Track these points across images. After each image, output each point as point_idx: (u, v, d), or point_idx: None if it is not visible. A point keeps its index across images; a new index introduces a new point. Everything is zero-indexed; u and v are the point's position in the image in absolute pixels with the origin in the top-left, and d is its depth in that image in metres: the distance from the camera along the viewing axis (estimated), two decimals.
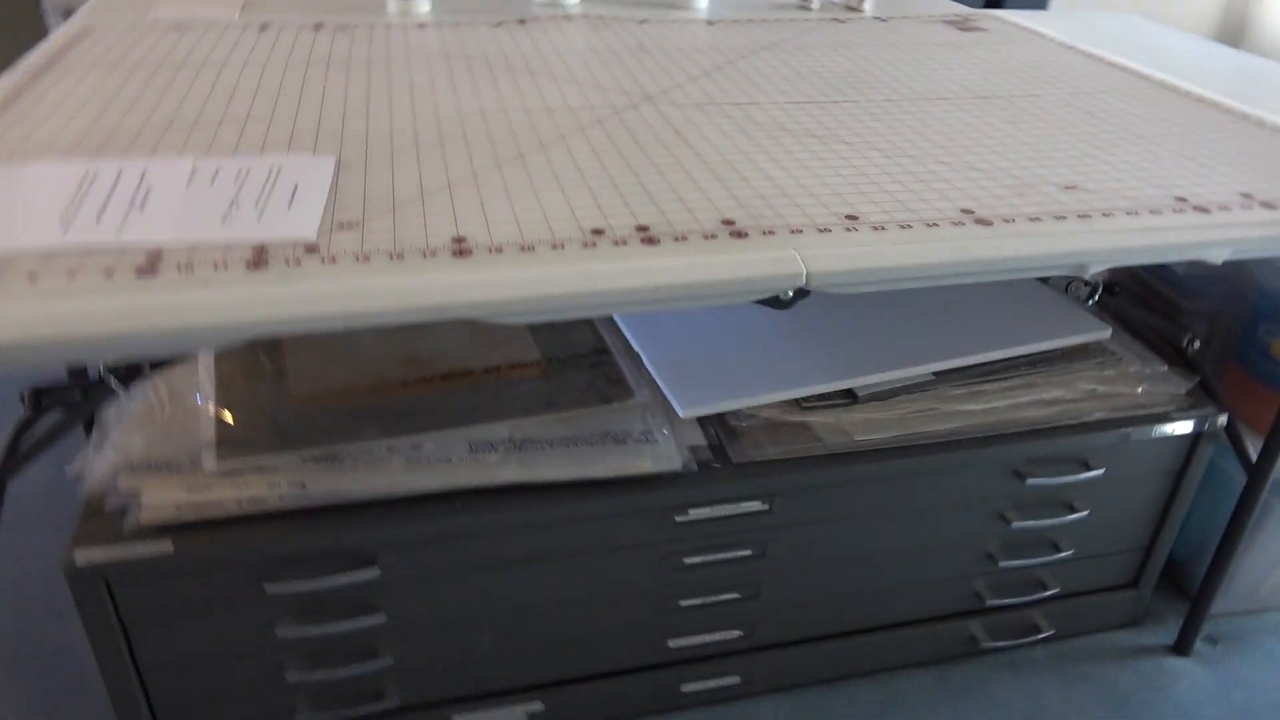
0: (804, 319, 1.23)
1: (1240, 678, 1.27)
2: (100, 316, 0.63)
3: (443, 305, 0.67)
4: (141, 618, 0.95)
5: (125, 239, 0.73)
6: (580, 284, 0.70)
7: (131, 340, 0.62)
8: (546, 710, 1.14)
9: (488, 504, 0.99)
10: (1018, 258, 0.78)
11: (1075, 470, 1.16)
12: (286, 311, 0.65)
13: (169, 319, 0.63)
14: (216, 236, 0.73)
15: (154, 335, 0.63)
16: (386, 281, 0.68)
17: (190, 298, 0.65)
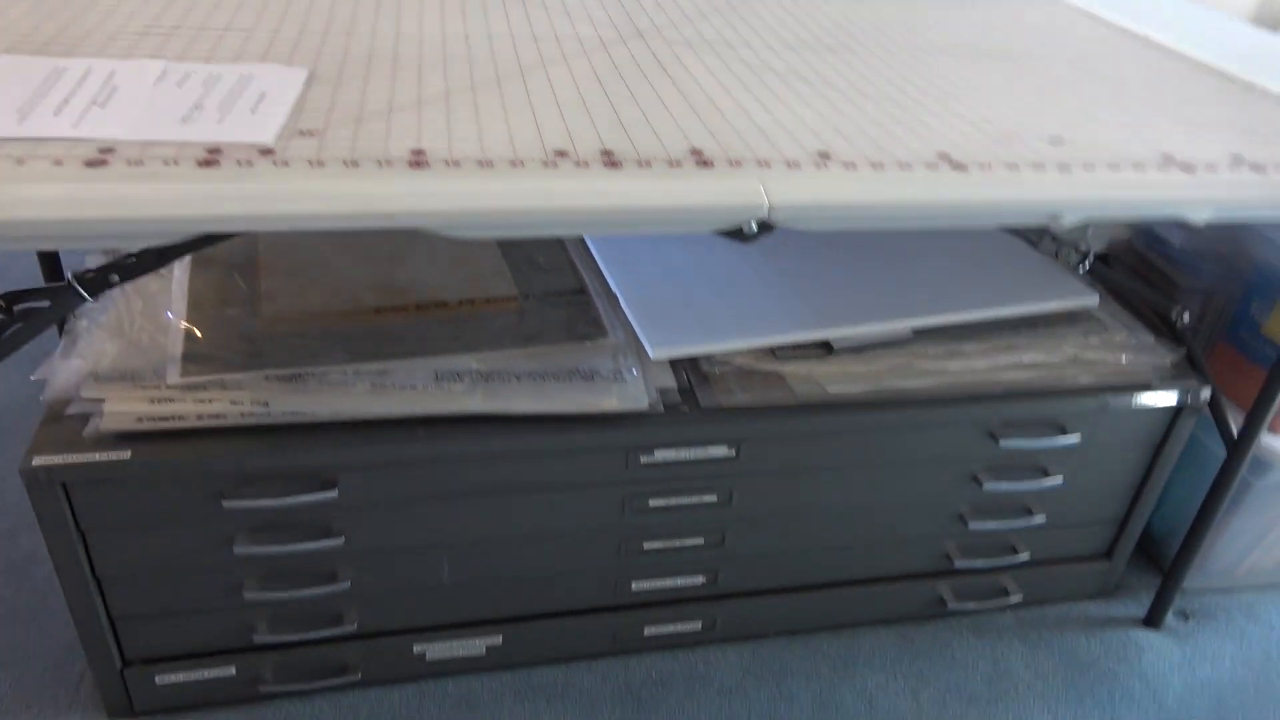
0: (786, 268, 1.21)
1: (1209, 653, 1.26)
2: (43, 203, 0.62)
3: (392, 213, 0.66)
4: (99, 526, 0.95)
5: (81, 133, 0.72)
6: (534, 200, 0.68)
7: (72, 228, 0.62)
8: (506, 644, 1.15)
9: (451, 432, 0.99)
10: (989, 202, 0.76)
11: (1051, 434, 1.14)
12: (231, 209, 0.64)
13: (112, 210, 0.62)
14: (173, 136, 0.72)
15: (96, 225, 0.62)
16: (336, 186, 0.67)
17: (135, 190, 0.64)
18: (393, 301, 1.12)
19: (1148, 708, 1.18)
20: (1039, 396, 1.12)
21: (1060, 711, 1.17)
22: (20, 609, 1.19)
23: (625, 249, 1.25)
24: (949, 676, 1.20)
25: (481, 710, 1.12)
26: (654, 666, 1.18)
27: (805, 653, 1.22)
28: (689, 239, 1.27)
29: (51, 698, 1.09)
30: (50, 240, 0.62)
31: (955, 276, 1.21)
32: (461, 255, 1.22)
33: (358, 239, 1.23)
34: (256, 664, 1.08)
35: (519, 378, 1.03)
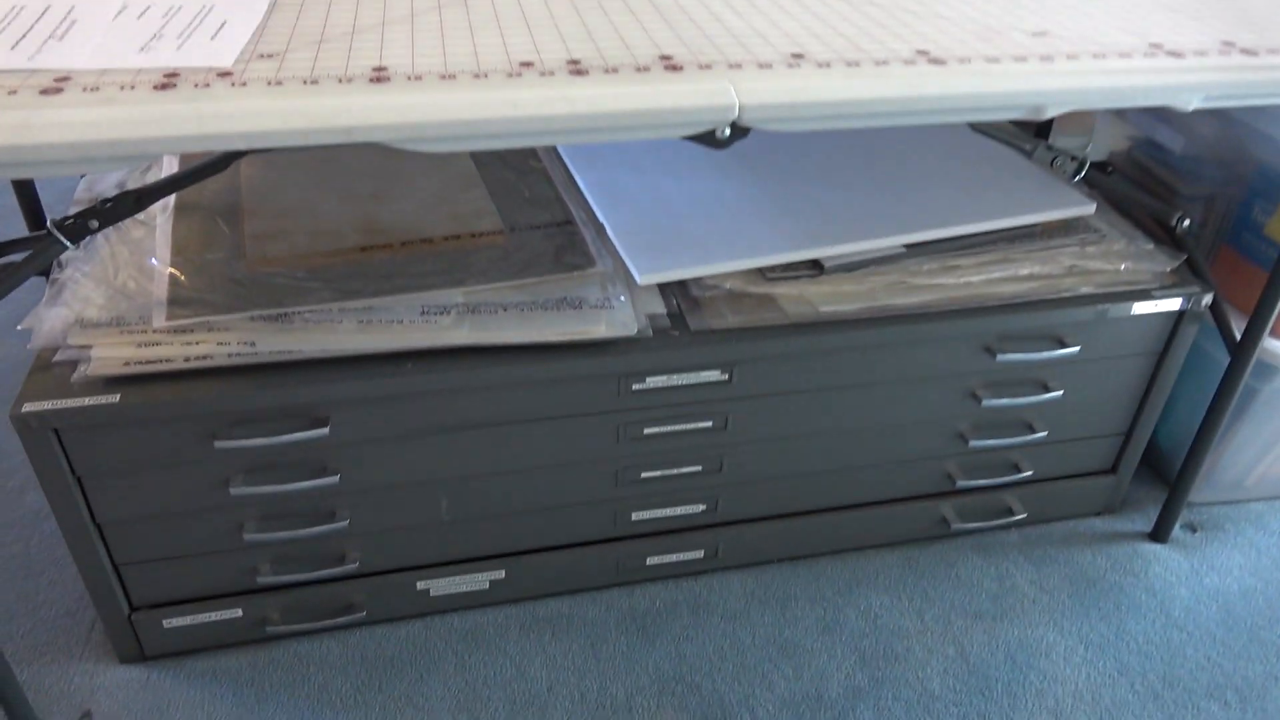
0: (775, 190, 1.19)
1: (1216, 563, 1.25)
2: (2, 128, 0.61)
3: (350, 128, 0.65)
4: (95, 471, 0.95)
5: (37, 64, 0.71)
6: (497, 110, 0.67)
7: (27, 154, 0.61)
8: (509, 578, 1.15)
9: (439, 365, 0.98)
10: (968, 94, 0.74)
11: (1050, 347, 1.13)
12: (187, 130, 0.63)
13: (66, 134, 0.62)
14: (130, 63, 0.71)
15: (50, 150, 0.61)
16: (294, 103, 0.66)
17: (90, 115, 0.63)
18: (378, 240, 1.11)
19: (1155, 619, 1.18)
20: (1036, 308, 1.10)
21: (1066, 625, 1.16)
22: (31, 562, 1.21)
23: (612, 179, 1.23)
24: (954, 595, 1.20)
25: (487, 643, 1.13)
26: (658, 596, 1.19)
27: (809, 577, 1.22)
28: (676, 165, 1.25)
29: (64, 645, 1.11)
30: (5, 167, 0.62)
31: (948, 190, 1.19)
32: (447, 193, 1.21)
33: (340, 179, 1.22)
34: (262, 605, 1.09)
35: (506, 309, 1.03)
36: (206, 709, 1.05)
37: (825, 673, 1.10)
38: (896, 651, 1.13)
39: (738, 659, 1.11)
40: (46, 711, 1.04)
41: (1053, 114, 0.77)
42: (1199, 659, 1.13)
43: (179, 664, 1.09)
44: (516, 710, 1.06)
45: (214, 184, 1.21)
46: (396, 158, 1.28)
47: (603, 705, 1.06)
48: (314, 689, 1.07)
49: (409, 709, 1.05)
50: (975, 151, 1.30)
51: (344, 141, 0.65)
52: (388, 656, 1.11)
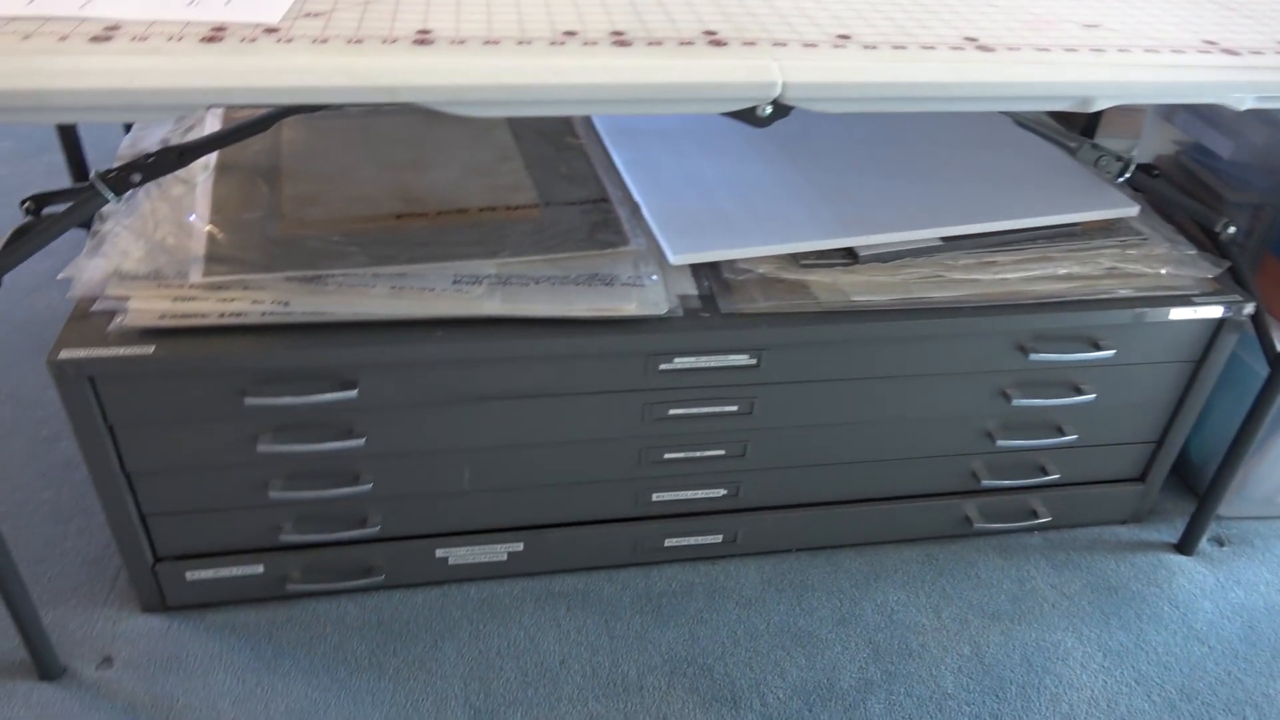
0: (814, 177, 1.18)
1: (1242, 578, 1.23)
2: (46, 74, 0.62)
3: (393, 88, 0.65)
4: (126, 421, 0.97)
5: (87, 13, 0.72)
6: (538, 77, 0.67)
7: (74, 98, 0.62)
8: (527, 551, 1.16)
9: (468, 335, 0.98)
10: (1014, 83, 0.73)
11: (1084, 349, 1.11)
12: (231, 82, 0.64)
13: (112, 81, 0.62)
14: (179, 16, 0.72)
15: (96, 96, 0.62)
16: (338, 61, 0.66)
17: (137, 63, 0.64)
18: (414, 208, 1.11)
19: (1176, 630, 1.16)
20: (1072, 308, 1.08)
21: (1085, 631, 1.15)
22: (61, 509, 1.23)
23: (650, 158, 1.23)
24: (972, 595, 1.19)
25: (502, 614, 1.13)
26: (674, 578, 1.19)
27: (827, 568, 1.21)
28: (714, 147, 1.25)
29: (89, 592, 1.13)
30: (51, 111, 0.62)
31: (988, 185, 1.18)
32: (484, 165, 1.21)
33: (380, 147, 1.22)
34: (284, 563, 1.11)
35: (537, 282, 1.03)
36: (224, 661, 1.06)
37: (838, 664, 1.10)
38: (911, 647, 1.12)
39: (751, 645, 1.11)
40: (69, 655, 1.06)
41: (1101, 106, 0.75)
42: (1219, 673, 1.11)
43: (200, 616, 1.11)
44: (528, 682, 1.06)
45: (256, 146, 1.22)
46: (436, 128, 1.28)
47: (614, 682, 1.07)
48: (330, 648, 1.08)
49: (421, 674, 1.06)
50: (1019, 147, 1.28)
51: (386, 101, 0.66)
52: (404, 621, 1.12)
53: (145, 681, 1.04)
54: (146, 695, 1.03)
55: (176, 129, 1.26)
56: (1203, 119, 1.34)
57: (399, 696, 1.04)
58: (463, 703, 1.04)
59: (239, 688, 1.04)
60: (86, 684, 1.04)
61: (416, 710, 1.03)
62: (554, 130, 1.32)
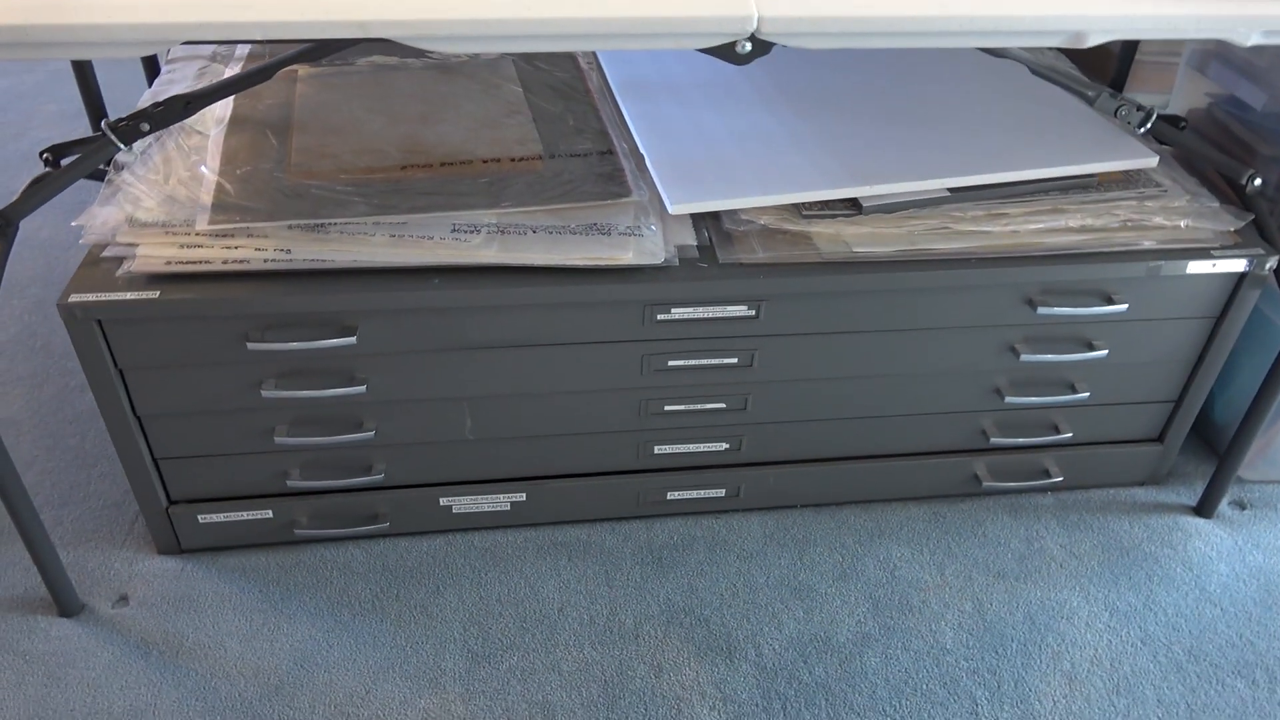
0: (821, 127, 1.16)
1: (1262, 541, 1.20)
2: (26, 10, 0.64)
3: (364, 22, 0.66)
4: (135, 364, 1.00)
5: None
6: (511, 11, 0.67)
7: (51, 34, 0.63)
8: (530, 501, 1.17)
9: (466, 282, 0.99)
10: (1002, 16, 0.71)
11: (1095, 303, 1.08)
12: (203, 17, 0.64)
13: (91, 16, 0.64)
14: None
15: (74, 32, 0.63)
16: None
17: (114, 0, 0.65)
18: (418, 160, 1.12)
19: (1188, 592, 1.13)
20: (1082, 260, 1.06)
21: (1093, 591, 1.13)
22: (84, 455, 1.27)
23: (659, 111, 1.22)
24: (978, 553, 1.18)
25: (504, 562, 1.15)
26: (676, 530, 1.19)
27: (831, 524, 1.21)
28: (724, 100, 1.23)
29: (108, 534, 1.17)
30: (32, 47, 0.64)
31: (1000, 134, 1.15)
32: (492, 118, 1.21)
33: (390, 101, 1.23)
34: (292, 508, 1.13)
35: (535, 231, 1.03)
36: (234, 602, 1.09)
37: (836, 618, 1.09)
38: (912, 603, 1.11)
39: (750, 597, 1.11)
40: (88, 593, 1.10)
41: (1095, 41, 0.73)
42: (1230, 635, 1.09)
43: (212, 558, 1.14)
44: (526, 628, 1.08)
45: (268, 99, 1.24)
46: (447, 83, 1.29)
47: (611, 630, 1.08)
48: (335, 591, 1.11)
49: (423, 618, 1.08)
50: (1035, 96, 1.25)
51: (358, 36, 0.66)
52: (408, 567, 1.14)
53: (158, 619, 1.08)
54: (159, 632, 1.06)
55: (197, 82, 1.28)
56: (1235, 69, 1.29)
57: (399, 639, 1.06)
58: (461, 646, 1.05)
59: (247, 626, 1.07)
60: (103, 621, 1.07)
61: (416, 653, 1.05)
62: (565, 84, 1.31)
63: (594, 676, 1.03)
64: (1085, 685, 1.03)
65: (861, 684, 1.03)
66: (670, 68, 1.32)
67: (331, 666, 1.03)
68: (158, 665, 1.03)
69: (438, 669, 1.03)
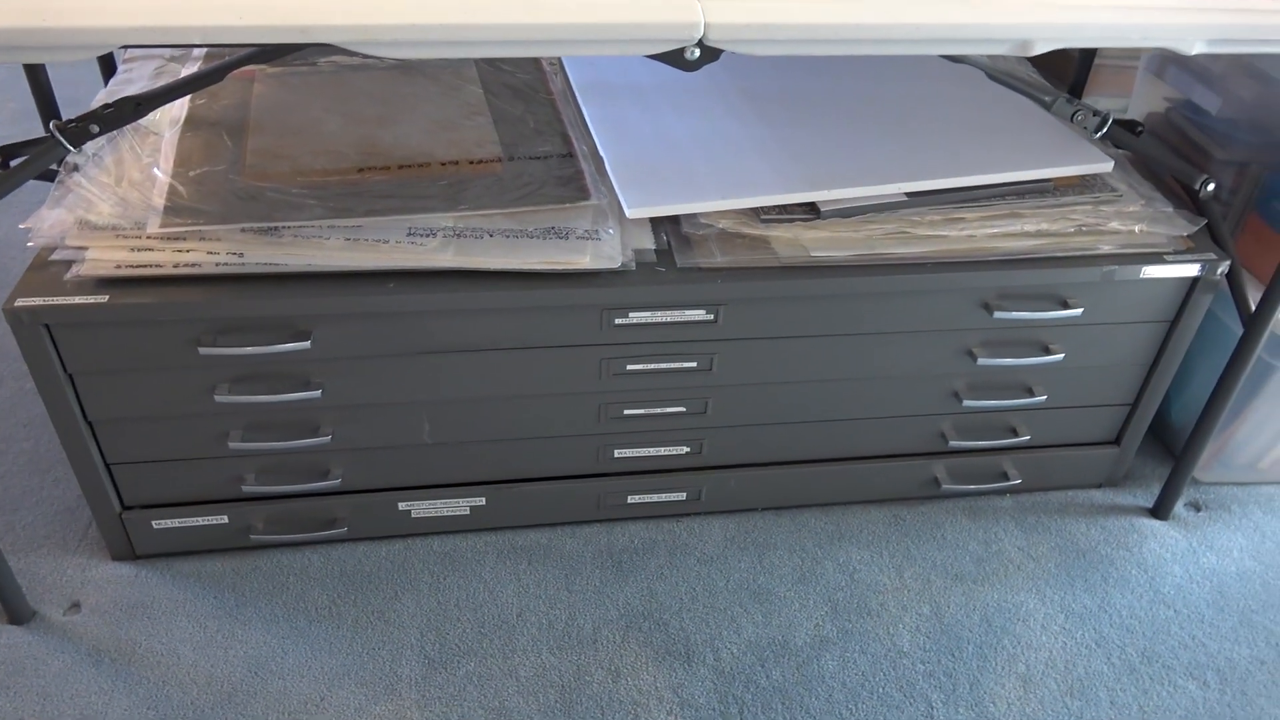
0: (782, 133, 1.16)
1: (1215, 543, 1.21)
2: None
3: (306, 27, 0.65)
4: (85, 369, 0.98)
5: None
6: (454, 16, 0.66)
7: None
8: (490, 506, 1.16)
9: (421, 286, 0.99)
10: (949, 24, 0.71)
11: (1050, 307, 1.09)
12: (145, 21, 0.63)
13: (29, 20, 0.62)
14: None
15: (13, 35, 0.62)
16: (255, 1, 0.66)
17: (59, 4, 0.64)
18: (376, 162, 1.11)
19: (1143, 594, 1.15)
20: (1038, 265, 1.06)
21: (1049, 594, 1.14)
22: (39, 459, 1.25)
23: (621, 114, 1.21)
24: (937, 555, 1.18)
25: (463, 567, 1.14)
26: (636, 534, 1.19)
27: (791, 528, 1.21)
28: (687, 105, 1.23)
29: (61, 540, 1.15)
30: None
31: (958, 139, 1.15)
32: (452, 120, 1.20)
33: (349, 103, 1.22)
34: (248, 514, 1.12)
35: (492, 235, 1.03)
36: (188, 608, 1.08)
37: (795, 621, 1.10)
38: (870, 606, 1.12)
39: (709, 601, 1.11)
40: (39, 599, 1.09)
41: (1041, 49, 0.73)
42: (1183, 637, 1.10)
43: (167, 564, 1.13)
44: (485, 633, 1.07)
45: (225, 100, 1.22)
46: (407, 84, 1.28)
47: (569, 635, 1.07)
48: (292, 597, 1.10)
49: (380, 623, 1.08)
50: (992, 101, 1.25)
51: (300, 41, 0.65)
52: (366, 573, 1.13)
53: (110, 626, 1.06)
54: (111, 640, 1.05)
55: (154, 82, 1.27)
56: (1192, 74, 1.31)
57: (356, 645, 1.05)
58: (418, 652, 1.05)
59: (200, 634, 1.06)
60: (54, 628, 1.06)
61: (373, 658, 1.04)
62: (527, 86, 1.31)
63: (551, 682, 1.03)
64: (1039, 687, 1.04)
65: (819, 687, 1.03)
66: (633, 71, 1.32)
67: (286, 674, 1.02)
68: (109, 673, 1.02)
69: (394, 675, 1.03)
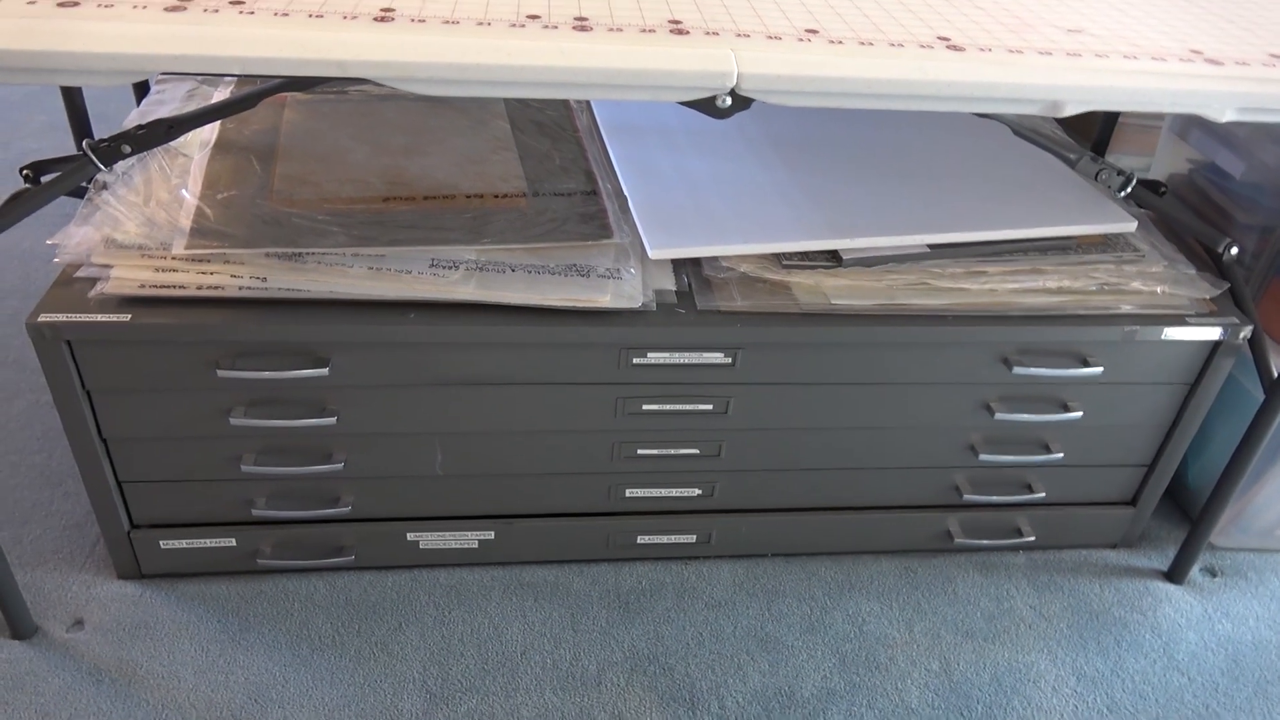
0: (806, 179, 1.17)
1: (1231, 610, 1.19)
2: (7, 35, 0.63)
3: (343, 62, 0.66)
4: (103, 387, 0.99)
5: None
6: (489, 57, 0.67)
7: (28, 60, 0.63)
8: (499, 540, 1.16)
9: (441, 318, 0.99)
10: (979, 83, 0.72)
11: (1070, 365, 1.09)
12: (185, 50, 0.64)
13: (67, 43, 0.63)
14: None
15: (51, 59, 0.63)
16: (294, 34, 0.66)
17: (97, 29, 0.65)
18: (401, 192, 1.12)
19: (1156, 659, 1.13)
20: (1059, 322, 1.06)
21: (1061, 655, 1.12)
22: (51, 473, 1.25)
23: (646, 154, 1.22)
24: (947, 610, 1.17)
25: (469, 601, 1.13)
26: (645, 575, 1.18)
27: (801, 575, 1.20)
28: (712, 147, 1.24)
29: (68, 555, 1.15)
30: (9, 72, 0.64)
31: (982, 193, 1.16)
32: (478, 153, 1.21)
33: (377, 131, 1.23)
34: (256, 537, 1.12)
35: (514, 269, 1.03)
36: (191, 631, 1.08)
37: (802, 671, 1.08)
38: (879, 660, 1.10)
39: (715, 647, 1.10)
40: (43, 615, 1.08)
41: (1071, 111, 0.74)
42: (1196, 705, 1.08)
43: (172, 585, 1.13)
44: (487, 670, 1.06)
45: (255, 125, 1.24)
46: (435, 116, 1.29)
47: (573, 676, 1.06)
48: (295, 625, 1.09)
49: (383, 655, 1.07)
50: (1017, 156, 1.26)
51: (336, 75, 0.66)
52: (371, 602, 1.12)
53: (112, 646, 1.06)
54: (112, 659, 1.04)
55: (184, 108, 1.28)
56: (1216, 138, 1.31)
57: (358, 676, 1.04)
58: (420, 687, 1.04)
59: (202, 658, 1.05)
60: (56, 645, 1.05)
61: (374, 691, 1.03)
62: (553, 122, 1.32)
63: None
64: None
65: None
66: (659, 112, 1.33)
67: (286, 703, 1.01)
68: (109, 694, 1.01)
69: (395, 709, 1.01)
